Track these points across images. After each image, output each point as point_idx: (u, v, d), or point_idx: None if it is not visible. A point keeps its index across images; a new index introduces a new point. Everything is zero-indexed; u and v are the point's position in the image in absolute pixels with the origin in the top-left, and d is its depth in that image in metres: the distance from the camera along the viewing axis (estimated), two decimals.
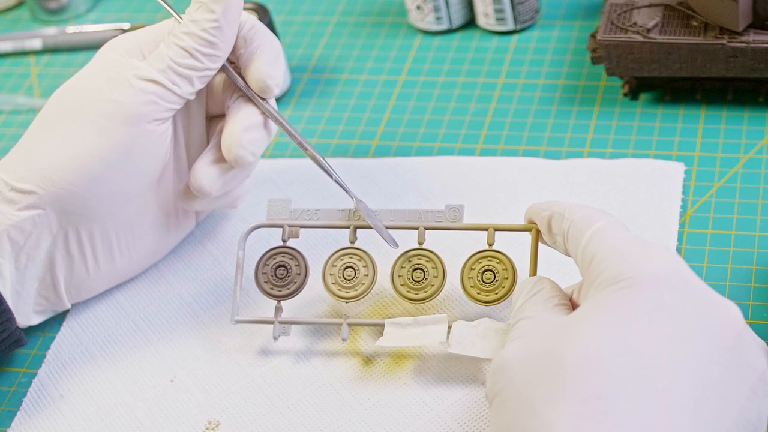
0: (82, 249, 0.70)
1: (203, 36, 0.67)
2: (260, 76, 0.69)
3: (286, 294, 0.68)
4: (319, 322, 0.68)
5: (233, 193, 0.74)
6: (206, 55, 0.68)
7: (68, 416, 0.68)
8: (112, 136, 0.67)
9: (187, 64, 0.67)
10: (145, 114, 0.67)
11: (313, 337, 0.69)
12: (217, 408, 0.67)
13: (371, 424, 0.64)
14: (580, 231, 0.59)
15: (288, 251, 0.69)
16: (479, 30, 0.90)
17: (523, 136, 0.80)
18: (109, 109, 0.67)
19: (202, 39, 0.67)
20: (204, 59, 0.68)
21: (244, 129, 0.69)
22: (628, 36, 0.77)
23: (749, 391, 0.53)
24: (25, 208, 0.67)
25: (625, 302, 0.53)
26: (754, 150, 0.76)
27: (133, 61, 0.68)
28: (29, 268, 0.69)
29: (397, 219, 0.68)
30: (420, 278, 0.67)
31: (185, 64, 0.67)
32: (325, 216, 0.69)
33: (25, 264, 0.68)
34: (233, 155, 0.68)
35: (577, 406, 0.50)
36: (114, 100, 0.67)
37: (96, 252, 0.70)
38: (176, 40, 0.68)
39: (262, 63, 0.69)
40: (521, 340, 0.56)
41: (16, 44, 0.98)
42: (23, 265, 0.68)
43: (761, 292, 0.67)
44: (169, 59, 0.67)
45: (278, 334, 0.68)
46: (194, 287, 0.74)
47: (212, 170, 0.70)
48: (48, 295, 0.71)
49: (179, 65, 0.67)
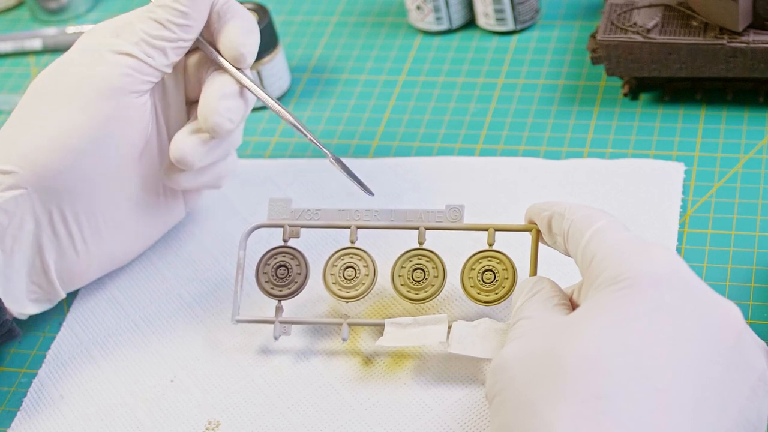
0: (69, 229, 0.70)
1: (175, 6, 0.68)
2: (233, 45, 0.70)
3: (286, 294, 0.68)
4: (320, 322, 0.68)
5: (216, 170, 0.74)
6: (179, 25, 0.69)
7: (68, 416, 0.68)
8: (90, 110, 0.67)
9: (160, 35, 0.68)
10: (122, 87, 0.68)
11: (313, 337, 0.69)
12: (217, 408, 0.67)
13: (371, 424, 0.64)
14: (580, 231, 0.59)
15: (289, 251, 0.69)
16: (479, 30, 0.90)
17: (523, 136, 0.80)
18: (85, 85, 0.68)
19: (175, 9, 0.68)
20: (177, 29, 0.69)
21: (221, 97, 0.69)
22: (628, 36, 0.77)
23: (749, 391, 0.53)
24: (7, 188, 0.67)
25: (625, 302, 0.53)
26: (754, 150, 0.76)
27: (108, 38, 0.69)
28: (16, 252, 0.68)
29: (397, 219, 0.68)
30: (420, 278, 0.67)
31: (158, 35, 0.68)
32: (326, 216, 0.69)
33: (11, 247, 0.68)
34: (210, 123, 0.69)
35: (577, 406, 0.50)
36: (90, 76, 0.68)
37: (83, 232, 0.70)
38: (149, 14, 0.69)
39: (236, 32, 0.70)
40: (521, 340, 0.56)
41: (16, 44, 0.98)
42: (9, 248, 0.68)
43: (761, 292, 0.67)
44: (142, 32, 0.68)
45: (279, 334, 0.68)
46: (194, 287, 0.74)
47: (192, 139, 0.70)
48: (40, 282, 0.70)
49: (152, 37, 0.68)
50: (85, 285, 0.74)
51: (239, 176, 0.80)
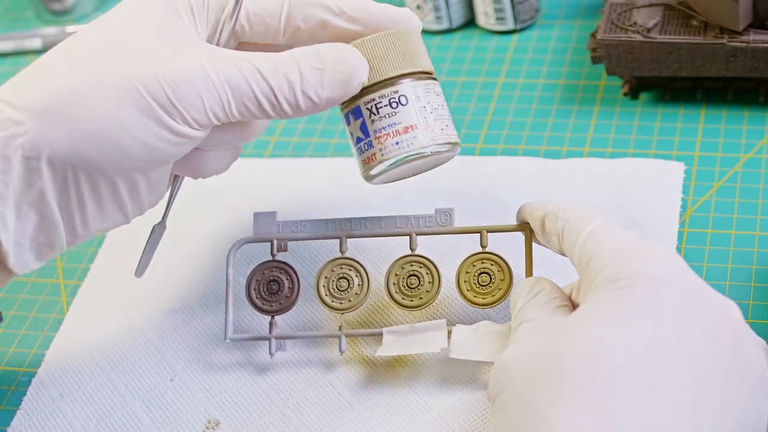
0: (80, 192, 0.62)
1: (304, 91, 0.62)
2: None
3: (278, 309, 0.67)
4: (316, 335, 0.68)
5: None
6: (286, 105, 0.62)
7: (68, 416, 0.68)
8: None
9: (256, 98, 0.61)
10: None
11: (312, 346, 0.69)
12: (217, 408, 0.67)
13: (372, 424, 0.64)
14: (575, 231, 0.59)
15: (278, 265, 0.68)
16: (479, 29, 0.90)
17: (523, 136, 0.80)
18: None
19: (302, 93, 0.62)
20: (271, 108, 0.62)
21: None
22: (628, 36, 0.77)
23: (749, 390, 0.53)
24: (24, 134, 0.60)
25: (624, 301, 0.53)
26: (754, 150, 0.76)
27: (202, 43, 0.62)
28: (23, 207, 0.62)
29: (387, 227, 0.67)
30: (415, 285, 0.66)
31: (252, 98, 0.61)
32: (313, 227, 0.68)
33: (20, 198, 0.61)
34: None
35: (578, 406, 0.50)
36: None
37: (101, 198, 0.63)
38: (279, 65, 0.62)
39: None
40: (523, 342, 0.56)
41: (16, 44, 0.98)
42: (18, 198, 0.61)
43: (761, 292, 0.67)
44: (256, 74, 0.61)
45: (275, 351, 0.67)
46: (194, 287, 0.74)
47: None
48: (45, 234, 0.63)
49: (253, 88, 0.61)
50: None
51: (247, 171, 0.79)
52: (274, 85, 0.61)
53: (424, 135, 0.63)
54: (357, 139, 0.64)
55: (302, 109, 0.62)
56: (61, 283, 0.77)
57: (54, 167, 0.60)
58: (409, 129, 0.63)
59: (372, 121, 0.63)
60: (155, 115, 0.60)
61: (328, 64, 0.62)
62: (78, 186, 0.61)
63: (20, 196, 0.60)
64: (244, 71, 0.61)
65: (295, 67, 0.61)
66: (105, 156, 0.60)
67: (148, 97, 0.59)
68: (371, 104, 0.63)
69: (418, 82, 0.64)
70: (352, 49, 0.63)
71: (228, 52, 0.62)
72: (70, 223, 0.62)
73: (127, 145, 0.60)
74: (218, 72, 0.60)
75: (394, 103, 0.63)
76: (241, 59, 0.61)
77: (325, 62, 0.62)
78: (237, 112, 0.61)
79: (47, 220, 0.61)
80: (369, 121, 0.63)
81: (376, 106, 0.63)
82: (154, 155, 0.61)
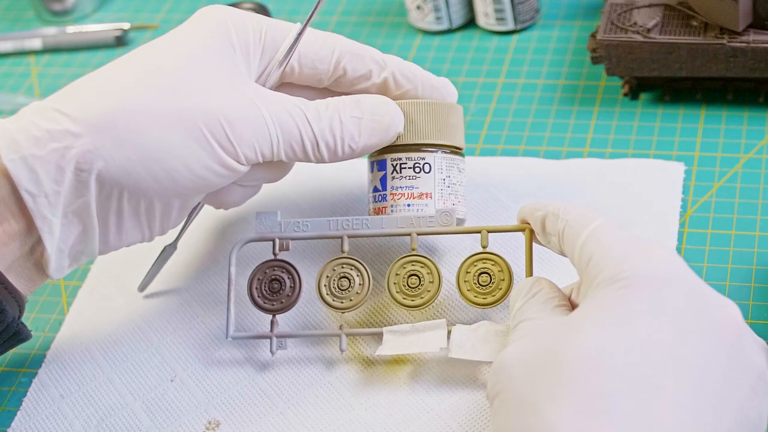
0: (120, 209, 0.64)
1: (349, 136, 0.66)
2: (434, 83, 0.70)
3: (280, 308, 0.68)
4: (316, 334, 0.68)
5: None
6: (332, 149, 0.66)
7: (69, 417, 0.68)
8: None
9: None
10: None
11: (312, 344, 0.69)
12: (217, 408, 0.67)
13: (371, 424, 0.64)
14: (576, 231, 0.59)
15: (280, 264, 0.68)
16: (479, 30, 0.90)
17: (523, 136, 0.80)
18: None
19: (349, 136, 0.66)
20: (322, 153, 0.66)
21: None
22: (628, 36, 0.77)
23: (749, 389, 0.53)
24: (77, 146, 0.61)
25: (624, 301, 0.53)
26: (754, 150, 0.76)
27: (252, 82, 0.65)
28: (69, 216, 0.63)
29: (388, 226, 0.68)
30: (415, 284, 0.66)
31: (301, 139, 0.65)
32: (315, 226, 0.68)
33: None
34: None
35: (578, 405, 0.50)
36: None
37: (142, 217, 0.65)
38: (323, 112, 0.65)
39: None
40: (522, 341, 0.56)
41: (16, 44, 0.98)
42: None
43: (761, 292, 0.67)
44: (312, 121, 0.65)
45: (276, 349, 0.67)
46: (194, 287, 0.74)
47: None
48: (82, 243, 0.64)
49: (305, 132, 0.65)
50: None
51: None
52: (317, 132, 0.64)
53: (436, 205, 0.68)
54: (374, 188, 0.69)
55: (339, 155, 0.66)
56: (61, 283, 0.77)
57: (102, 181, 0.62)
58: (424, 196, 0.67)
59: (393, 177, 0.68)
60: (210, 147, 0.63)
61: (366, 113, 0.66)
62: (120, 202, 0.63)
63: (68, 206, 0.62)
64: (295, 116, 0.64)
65: (336, 115, 0.65)
66: (154, 178, 0.62)
67: (205, 129, 0.62)
68: (397, 162, 0.67)
69: (445, 155, 0.68)
70: (389, 101, 0.67)
71: (278, 95, 0.65)
72: (105, 234, 0.64)
73: (177, 171, 0.62)
74: (272, 114, 0.64)
75: (417, 168, 0.67)
76: (292, 104, 0.64)
77: (364, 112, 0.66)
78: (283, 153, 0.64)
79: (87, 231, 0.63)
80: (390, 177, 0.68)
81: (401, 165, 0.67)
82: (199, 184, 0.64)
